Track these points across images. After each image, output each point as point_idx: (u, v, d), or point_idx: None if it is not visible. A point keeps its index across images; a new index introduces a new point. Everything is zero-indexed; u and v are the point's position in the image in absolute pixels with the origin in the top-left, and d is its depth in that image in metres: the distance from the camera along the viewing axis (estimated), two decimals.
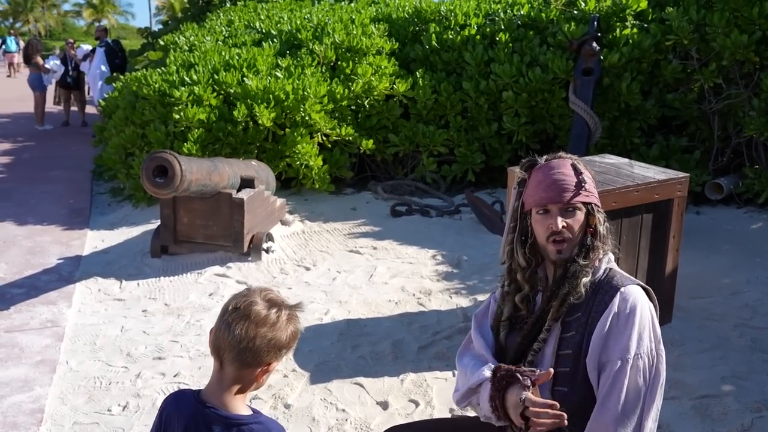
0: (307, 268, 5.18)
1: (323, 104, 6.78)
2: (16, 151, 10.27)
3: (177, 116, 6.57)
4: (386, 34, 7.93)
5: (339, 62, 7.49)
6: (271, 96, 6.63)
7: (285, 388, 3.45)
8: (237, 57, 7.37)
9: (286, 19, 9.19)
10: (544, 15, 7.25)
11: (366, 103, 7.17)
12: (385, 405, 3.30)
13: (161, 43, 10.33)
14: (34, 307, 4.60)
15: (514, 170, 3.42)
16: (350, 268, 5.14)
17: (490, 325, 1.98)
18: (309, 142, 6.69)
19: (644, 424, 1.72)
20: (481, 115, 7.13)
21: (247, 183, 5.48)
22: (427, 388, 3.43)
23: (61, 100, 13.46)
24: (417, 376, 3.54)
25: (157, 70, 7.60)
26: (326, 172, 6.81)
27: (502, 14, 7.58)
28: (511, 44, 7.11)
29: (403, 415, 3.23)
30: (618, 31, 6.66)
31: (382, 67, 7.26)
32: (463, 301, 4.47)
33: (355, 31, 7.74)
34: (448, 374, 3.55)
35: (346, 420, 3.19)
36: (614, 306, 1.75)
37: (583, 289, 1.78)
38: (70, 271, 5.29)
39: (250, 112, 6.60)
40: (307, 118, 6.66)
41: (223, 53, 7.59)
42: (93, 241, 6.05)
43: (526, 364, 1.82)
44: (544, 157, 1.92)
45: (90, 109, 13.14)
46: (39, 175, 8.59)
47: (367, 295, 4.61)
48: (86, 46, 13.06)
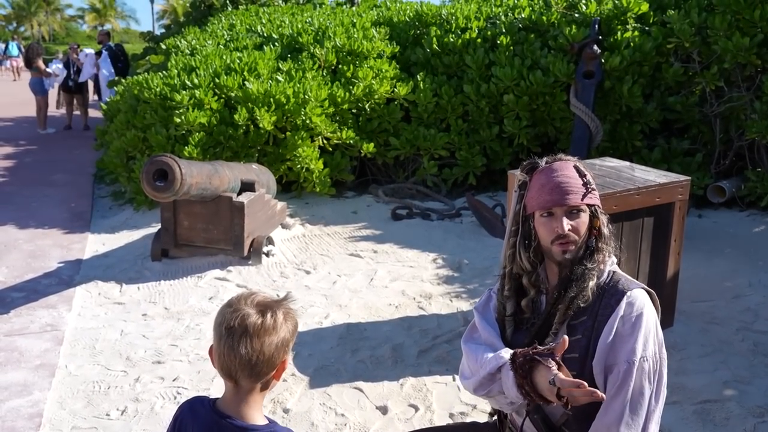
0: (308, 272, 5.17)
1: (324, 108, 6.78)
2: (18, 154, 10.28)
3: (178, 120, 6.57)
4: (387, 37, 7.94)
5: (340, 66, 7.49)
6: (272, 99, 6.63)
7: (284, 392, 3.43)
8: (238, 61, 7.38)
9: (287, 22, 9.21)
10: (545, 18, 7.24)
11: (367, 106, 7.17)
12: (384, 410, 3.28)
13: (163, 46, 10.36)
14: (34, 311, 4.59)
15: (515, 173, 3.40)
16: (350, 272, 5.13)
17: (495, 318, 1.96)
18: (310, 146, 6.69)
19: (648, 426, 1.72)
20: (482, 118, 7.13)
21: (247, 186, 5.48)
22: (427, 393, 3.41)
23: (64, 104, 13.49)
24: (417, 381, 3.52)
25: (159, 73, 7.61)
26: (327, 175, 6.81)
27: (503, 17, 7.58)
28: (512, 47, 7.10)
29: (402, 419, 3.21)
30: (619, 34, 6.65)
31: (383, 70, 7.26)
32: (464, 305, 4.45)
33: (356, 35, 7.75)
34: (449, 378, 3.53)
35: (345, 424, 3.17)
36: (621, 310, 1.74)
37: (590, 293, 1.77)
38: (70, 275, 5.28)
39: (251, 116, 6.61)
40: (308, 122, 6.66)
41: (224, 57, 7.60)
42: (94, 244, 6.04)
43: None
44: (545, 159, 1.90)
45: (93, 113, 13.15)
46: (41, 178, 8.59)
47: (368, 299, 4.60)
48: (89, 50, 13.09)
